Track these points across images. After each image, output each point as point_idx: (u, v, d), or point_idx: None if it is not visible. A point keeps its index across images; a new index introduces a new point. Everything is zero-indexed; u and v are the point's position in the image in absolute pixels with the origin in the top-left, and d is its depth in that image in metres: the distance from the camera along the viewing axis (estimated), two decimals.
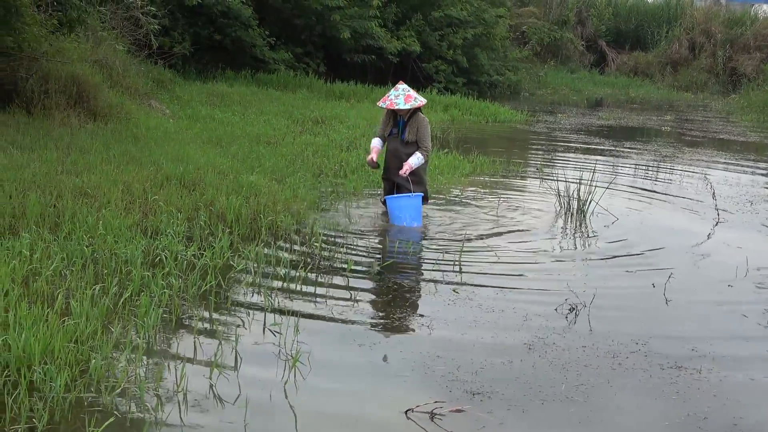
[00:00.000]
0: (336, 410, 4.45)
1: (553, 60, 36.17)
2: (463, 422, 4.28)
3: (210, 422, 4.18)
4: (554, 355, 5.27)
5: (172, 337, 5.21)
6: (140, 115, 13.15)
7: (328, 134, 14.13)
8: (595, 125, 21.05)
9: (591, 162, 13.58)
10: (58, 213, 7.12)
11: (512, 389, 4.73)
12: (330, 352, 5.17)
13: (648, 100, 30.94)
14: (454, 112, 20.43)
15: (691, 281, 7.04)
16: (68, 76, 12.12)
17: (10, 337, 4.45)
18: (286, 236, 7.59)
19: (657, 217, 9.76)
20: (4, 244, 6.14)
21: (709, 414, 4.55)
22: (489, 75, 27.65)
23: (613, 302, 6.39)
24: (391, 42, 23.87)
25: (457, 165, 12.15)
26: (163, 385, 4.50)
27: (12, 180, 7.78)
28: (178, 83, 18.46)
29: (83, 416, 4.04)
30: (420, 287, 6.64)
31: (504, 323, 5.79)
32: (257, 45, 21.31)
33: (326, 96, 20.68)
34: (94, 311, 5.11)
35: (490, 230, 8.54)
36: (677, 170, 13.85)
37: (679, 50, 36.59)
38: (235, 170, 9.52)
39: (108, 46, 15.02)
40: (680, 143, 18.03)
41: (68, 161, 8.91)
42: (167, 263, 6.24)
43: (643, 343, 5.53)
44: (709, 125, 22.23)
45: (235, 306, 5.85)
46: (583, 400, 4.63)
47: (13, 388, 4.15)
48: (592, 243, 8.29)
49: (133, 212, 7.48)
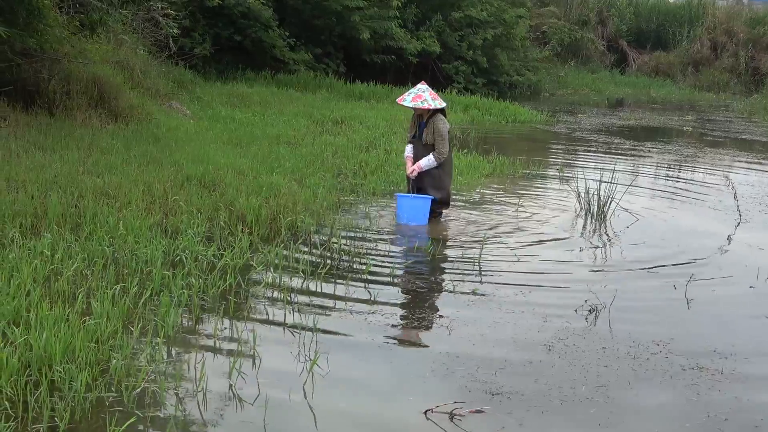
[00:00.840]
0: (355, 411, 4.45)
1: (573, 60, 36.03)
2: (482, 423, 4.27)
3: (229, 422, 4.19)
4: (574, 356, 5.25)
5: (192, 337, 5.23)
6: (161, 116, 13.21)
7: (348, 135, 14.14)
8: (615, 125, 20.96)
9: (611, 162, 13.52)
10: (80, 213, 7.16)
11: (532, 390, 4.71)
12: (349, 352, 5.17)
13: (669, 100, 30.78)
14: (474, 113, 20.39)
15: (712, 282, 6.99)
16: (90, 78, 12.20)
17: (31, 337, 4.48)
18: (306, 237, 7.60)
19: (678, 218, 9.70)
20: (26, 244, 6.18)
21: (730, 416, 4.51)
22: (509, 75, 27.60)
23: (634, 303, 6.35)
24: (411, 42, 23.87)
25: (477, 165, 12.13)
26: (183, 385, 4.52)
27: (34, 180, 7.84)
28: (198, 84, 18.53)
29: (104, 416, 4.06)
30: (439, 288, 6.63)
31: (523, 324, 5.77)
32: (277, 46, 21.36)
33: (346, 96, 20.70)
34: (114, 311, 5.13)
35: (510, 231, 8.52)
36: (699, 171, 13.76)
37: (700, 50, 36.38)
38: (254, 171, 9.54)
39: (129, 48, 15.11)
40: (702, 144, 17.92)
41: (89, 162, 8.96)
42: (187, 263, 6.26)
43: (664, 345, 5.49)
44: (731, 125, 22.09)
45: (255, 306, 5.86)
46: (604, 401, 4.61)
47: (34, 388, 4.18)
48: (612, 244, 8.25)
49: (154, 212, 7.52)
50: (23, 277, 5.42)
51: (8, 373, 4.19)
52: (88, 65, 12.51)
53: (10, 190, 7.52)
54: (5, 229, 6.54)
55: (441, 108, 8.55)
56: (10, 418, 3.93)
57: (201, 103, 16.39)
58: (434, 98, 8.53)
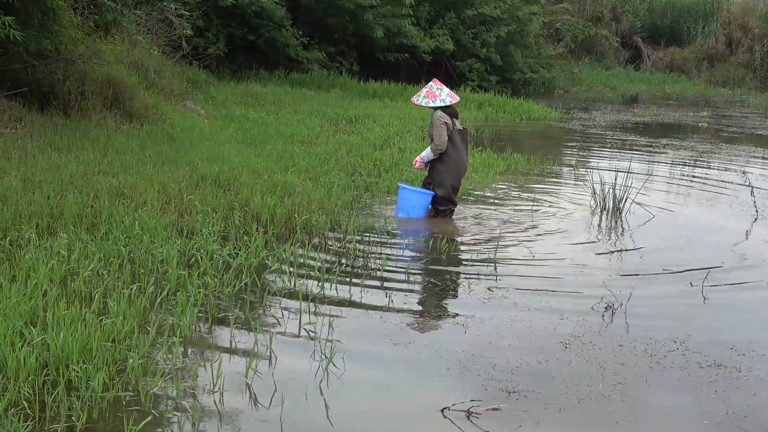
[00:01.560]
0: (372, 409, 4.45)
1: (587, 57, 35.96)
2: (499, 421, 4.26)
3: (246, 421, 4.19)
4: (591, 353, 5.23)
5: (208, 336, 5.24)
6: (175, 116, 13.25)
7: (362, 133, 14.14)
8: (630, 122, 20.89)
9: (626, 159, 13.49)
10: (95, 213, 7.19)
11: (548, 388, 4.70)
12: (365, 350, 5.17)
13: (684, 96, 30.65)
14: (488, 110, 20.37)
15: (729, 279, 6.95)
16: (104, 78, 12.24)
17: (48, 337, 4.50)
18: (321, 235, 7.60)
19: (694, 214, 9.66)
20: (43, 244, 6.21)
21: (748, 413, 4.48)
22: (523, 73, 27.57)
23: (650, 300, 6.32)
24: (425, 40, 23.88)
25: (491, 163, 12.11)
26: (200, 384, 4.52)
27: (50, 181, 7.87)
28: (212, 84, 18.59)
29: (121, 415, 4.07)
30: (455, 286, 6.61)
31: (539, 322, 5.75)
32: (291, 45, 21.39)
33: (360, 95, 20.71)
34: (131, 311, 5.15)
35: (525, 228, 8.50)
36: (714, 167, 13.70)
37: (715, 45, 36.24)
38: (269, 170, 9.56)
39: (143, 48, 15.16)
40: (717, 139, 17.83)
41: (105, 162, 8.99)
42: (203, 263, 6.27)
43: (681, 342, 5.46)
44: (747, 121, 21.98)
45: (270, 305, 5.87)
46: (621, 399, 4.59)
47: (52, 387, 4.20)
48: (628, 241, 8.22)
49: (169, 212, 7.53)
50: (40, 277, 5.45)
51: (26, 372, 4.21)
52: (103, 66, 12.56)
53: (26, 190, 7.55)
54: (22, 229, 6.57)
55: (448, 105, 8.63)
56: (28, 417, 3.94)
57: (215, 103, 16.43)
58: (431, 96, 8.65)
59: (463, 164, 8.81)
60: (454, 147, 8.64)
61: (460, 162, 8.74)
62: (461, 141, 8.71)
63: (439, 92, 8.68)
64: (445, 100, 8.62)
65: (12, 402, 4.01)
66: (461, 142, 8.71)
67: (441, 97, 8.63)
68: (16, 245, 6.27)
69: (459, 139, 8.67)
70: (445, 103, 8.62)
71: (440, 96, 8.64)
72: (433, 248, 7.54)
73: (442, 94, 8.66)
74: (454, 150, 8.65)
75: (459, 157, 8.73)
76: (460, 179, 8.85)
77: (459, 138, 8.67)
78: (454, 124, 8.64)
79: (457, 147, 8.66)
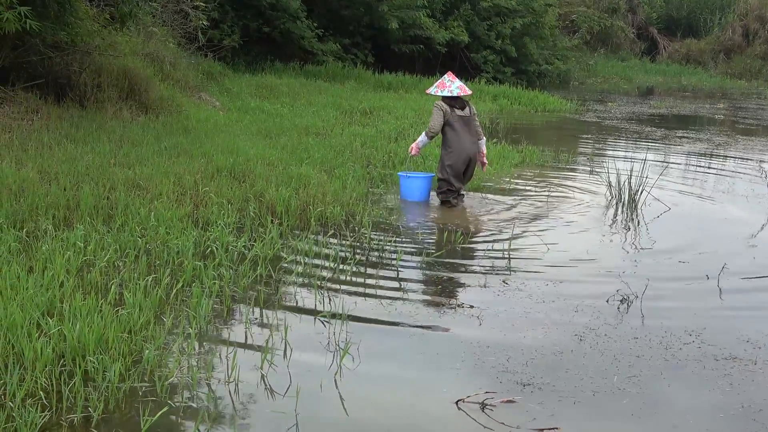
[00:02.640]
0: (386, 400, 4.46)
1: (603, 48, 35.83)
2: (514, 413, 4.25)
3: (261, 412, 4.21)
4: (605, 346, 5.22)
5: (224, 328, 5.25)
6: (191, 108, 13.29)
7: (377, 125, 14.15)
8: (646, 114, 20.80)
9: (642, 151, 13.44)
10: (111, 205, 7.22)
11: (563, 380, 4.69)
12: (379, 342, 5.17)
13: (700, 88, 30.51)
14: (503, 102, 20.33)
15: (745, 272, 6.91)
16: (120, 70, 12.28)
17: (65, 328, 4.52)
18: (336, 227, 7.61)
19: (710, 207, 9.62)
20: (59, 235, 6.25)
21: (764, 406, 4.46)
22: (538, 64, 27.48)
23: (666, 293, 6.30)
24: (439, 32, 23.84)
25: (506, 155, 12.09)
26: (215, 375, 4.54)
27: (66, 172, 7.91)
28: (227, 76, 18.62)
29: (137, 406, 4.10)
30: (469, 278, 6.60)
31: (554, 314, 5.74)
32: (306, 37, 21.40)
33: (374, 87, 20.70)
34: (146, 302, 5.17)
35: (540, 220, 8.49)
36: (731, 159, 13.63)
37: (732, 37, 36.03)
38: (284, 162, 9.58)
39: (159, 40, 15.20)
40: (734, 131, 17.74)
41: (121, 154, 9.03)
42: (218, 254, 6.30)
43: (697, 335, 5.45)
44: (764, 113, 21.84)
45: (285, 296, 5.88)
46: (636, 392, 4.57)
47: (69, 378, 4.22)
48: (643, 233, 8.19)
49: (185, 204, 7.56)
50: (56, 268, 5.48)
51: (43, 363, 4.24)
52: (119, 58, 12.60)
53: (42, 182, 7.60)
54: (39, 220, 6.62)
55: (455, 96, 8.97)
56: (45, 407, 3.97)
57: (230, 95, 16.46)
58: (441, 86, 9.01)
59: (464, 150, 8.91)
60: (454, 132, 8.88)
61: (460, 148, 8.89)
62: (462, 126, 8.88)
63: (449, 84, 8.98)
64: (453, 91, 8.91)
65: (29, 392, 4.03)
66: (462, 127, 8.88)
67: (450, 88, 8.94)
68: (33, 236, 6.31)
69: (459, 124, 8.87)
70: (453, 93, 8.90)
71: (449, 87, 8.95)
72: (448, 240, 7.54)
73: (452, 86, 8.94)
74: (454, 135, 8.88)
75: (459, 143, 8.88)
76: (463, 163, 8.92)
77: (459, 123, 8.87)
78: (453, 111, 8.87)
79: (456, 132, 8.87)
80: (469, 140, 8.93)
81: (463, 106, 8.96)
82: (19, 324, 4.50)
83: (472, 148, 8.96)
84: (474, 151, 9.00)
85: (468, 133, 8.92)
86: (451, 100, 8.93)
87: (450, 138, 8.89)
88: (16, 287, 5.10)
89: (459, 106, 8.95)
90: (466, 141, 8.89)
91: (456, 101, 8.95)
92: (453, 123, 8.84)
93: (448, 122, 8.84)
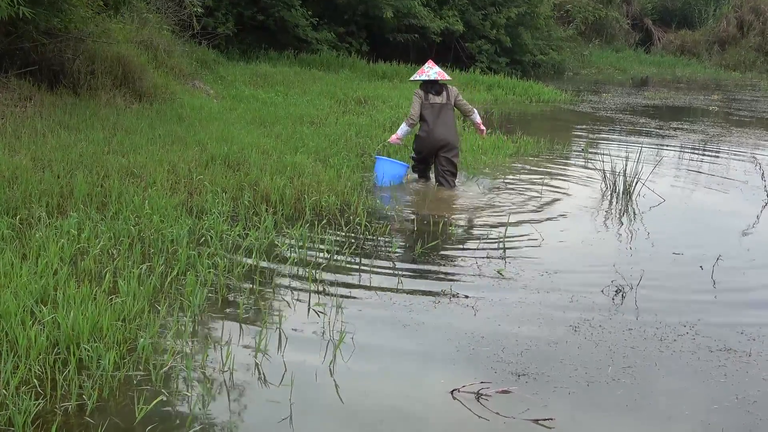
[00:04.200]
0: (381, 390, 4.46)
1: (597, 39, 35.81)
2: (508, 403, 4.26)
3: (255, 401, 4.21)
4: (600, 336, 5.23)
5: (218, 317, 5.24)
6: (185, 96, 13.24)
7: (371, 114, 14.12)
8: (640, 105, 20.81)
9: (637, 142, 13.44)
10: (105, 193, 7.20)
11: (558, 371, 4.69)
12: (374, 332, 5.17)
13: (694, 79, 30.51)
14: (498, 92, 20.31)
15: (739, 264, 6.92)
16: (114, 57, 12.23)
17: (59, 316, 4.51)
18: (330, 216, 7.60)
19: (704, 199, 9.63)
20: (53, 223, 6.23)
21: (758, 398, 4.48)
22: (533, 54, 27.44)
23: (661, 284, 6.30)
24: (434, 21, 23.78)
25: (501, 145, 12.07)
26: (210, 364, 4.53)
27: (60, 160, 7.88)
28: (221, 64, 18.56)
29: (132, 394, 4.09)
30: (464, 268, 6.59)
31: (549, 304, 5.75)
32: (300, 25, 21.32)
33: (369, 76, 20.65)
34: (141, 290, 5.16)
35: (535, 211, 8.48)
36: (725, 151, 13.63)
37: (727, 28, 36.04)
38: (278, 150, 9.56)
39: (153, 27, 15.14)
40: (728, 123, 17.75)
41: (114, 141, 9.00)
42: (212, 243, 6.28)
43: (691, 326, 5.45)
44: (758, 105, 21.86)
45: (280, 286, 5.87)
46: (630, 383, 4.58)
47: (63, 366, 4.21)
48: (638, 224, 8.19)
49: (179, 192, 7.54)
50: (50, 256, 5.46)
51: (37, 351, 4.23)
52: (112, 45, 12.54)
53: (36, 169, 7.57)
54: (32, 208, 6.59)
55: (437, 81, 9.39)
56: (39, 395, 3.96)
57: (224, 83, 16.41)
58: (420, 72, 9.45)
59: (430, 137, 9.24)
60: (424, 122, 9.30)
61: (426, 136, 9.27)
62: (431, 115, 9.22)
63: (428, 69, 9.41)
64: (430, 75, 9.33)
65: (23, 380, 4.02)
66: (432, 116, 9.22)
67: (428, 73, 9.35)
68: (26, 224, 6.29)
69: (429, 112, 9.23)
70: (430, 77, 9.31)
71: (427, 72, 9.36)
72: (443, 230, 7.53)
73: (430, 72, 9.36)
74: (424, 124, 9.31)
75: (426, 132, 9.26)
76: (430, 150, 9.32)
77: (429, 111, 9.23)
78: (427, 99, 9.25)
79: (426, 122, 9.26)
80: (441, 128, 9.24)
81: (439, 92, 9.33)
82: (12, 312, 4.48)
83: (443, 136, 9.23)
84: (446, 138, 9.24)
85: (439, 120, 9.25)
86: (428, 86, 9.31)
87: (421, 126, 9.33)
88: (10, 275, 5.08)
89: (435, 91, 9.30)
90: (435, 130, 9.24)
91: (432, 86, 9.31)
92: (423, 113, 9.25)
93: (421, 111, 9.27)
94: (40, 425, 3.76)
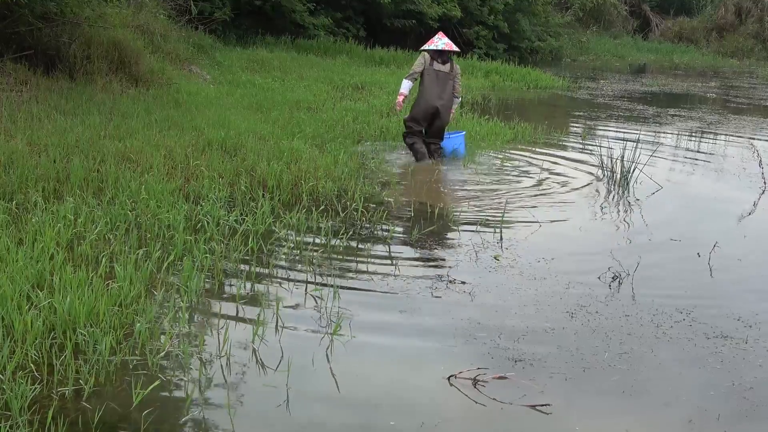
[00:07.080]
0: (378, 375, 4.46)
1: (595, 25, 35.75)
2: (505, 389, 4.26)
3: (252, 386, 4.20)
4: (597, 323, 5.23)
5: (215, 302, 5.23)
6: (181, 81, 13.21)
7: (368, 100, 14.10)
8: (638, 92, 20.78)
9: (634, 129, 13.43)
10: (102, 178, 7.18)
11: (554, 357, 4.70)
12: (371, 318, 5.16)
13: (692, 66, 30.49)
14: (495, 78, 20.28)
15: (736, 251, 6.92)
16: (110, 42, 12.19)
17: (55, 301, 4.51)
18: (327, 202, 7.59)
19: (702, 186, 9.63)
20: (49, 208, 6.21)
21: (754, 384, 4.48)
22: (530, 41, 27.39)
23: (657, 271, 6.31)
24: (432, 7, 23.70)
25: (498, 131, 12.06)
26: (206, 349, 4.53)
27: (56, 144, 7.86)
28: (218, 49, 18.50)
29: (128, 379, 4.08)
30: (461, 254, 6.59)
31: (546, 291, 5.75)
32: (297, 10, 21.25)
33: (366, 62, 20.61)
34: (137, 275, 5.14)
35: (532, 197, 8.47)
36: (722, 138, 13.63)
37: (725, 15, 35.99)
38: (275, 136, 9.54)
39: (149, 12, 15.08)
40: (725, 110, 17.74)
41: (111, 126, 8.98)
42: (209, 228, 6.27)
43: (688, 313, 5.46)
44: (755, 92, 21.86)
45: (277, 271, 5.86)
46: (627, 369, 4.59)
47: (59, 351, 4.20)
48: (635, 211, 8.19)
49: (176, 177, 7.52)
50: (46, 240, 5.44)
51: (33, 335, 4.22)
52: (109, 29, 12.50)
53: (32, 154, 7.55)
54: (28, 193, 6.57)
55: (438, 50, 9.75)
56: (36, 380, 3.96)
57: (221, 68, 16.37)
58: (429, 42, 9.86)
59: (426, 102, 9.67)
60: (423, 86, 9.71)
61: (423, 100, 9.71)
62: (432, 81, 9.63)
63: (438, 40, 9.80)
64: (438, 45, 9.70)
65: (20, 365, 4.02)
66: (431, 82, 9.63)
67: (437, 43, 9.74)
68: (22, 208, 6.28)
69: (430, 78, 9.63)
70: (438, 47, 9.68)
71: (436, 42, 9.75)
72: (440, 216, 7.53)
73: (439, 42, 9.74)
74: (422, 88, 9.73)
75: (423, 95, 9.71)
76: (424, 115, 9.72)
77: (430, 77, 9.63)
78: (432, 65, 9.65)
79: (424, 86, 9.68)
80: (437, 94, 9.64)
81: (445, 61, 9.72)
82: (9, 296, 4.47)
83: (437, 102, 9.62)
84: (440, 105, 9.63)
85: (437, 87, 9.66)
86: (435, 54, 9.69)
87: (419, 90, 9.75)
88: (6, 259, 5.07)
89: (441, 60, 9.70)
90: (431, 95, 9.65)
91: (440, 55, 9.69)
92: (424, 76, 9.66)
93: (421, 74, 9.67)
94: (37, 410, 3.75)
